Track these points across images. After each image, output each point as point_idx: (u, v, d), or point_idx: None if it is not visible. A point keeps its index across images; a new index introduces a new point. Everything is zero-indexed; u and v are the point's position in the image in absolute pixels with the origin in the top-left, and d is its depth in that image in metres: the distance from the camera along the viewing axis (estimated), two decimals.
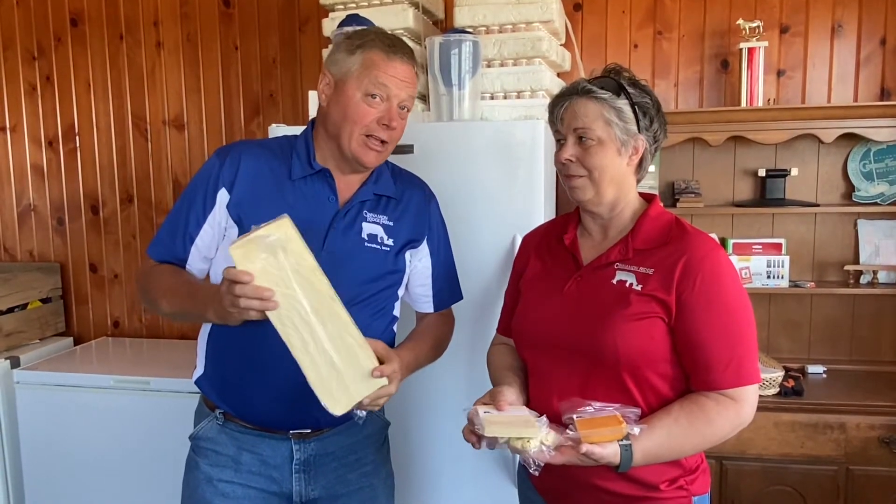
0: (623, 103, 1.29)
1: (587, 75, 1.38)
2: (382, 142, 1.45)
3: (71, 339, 3.13)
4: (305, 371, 1.25)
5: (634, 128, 1.30)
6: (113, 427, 2.53)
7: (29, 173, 3.15)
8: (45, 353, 2.90)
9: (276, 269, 1.21)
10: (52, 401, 2.59)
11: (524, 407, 1.28)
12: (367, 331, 1.48)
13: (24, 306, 2.92)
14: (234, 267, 1.20)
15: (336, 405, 1.27)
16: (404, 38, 2.22)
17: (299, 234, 1.24)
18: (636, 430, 1.18)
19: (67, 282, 3.16)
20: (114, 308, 3.15)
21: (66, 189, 3.13)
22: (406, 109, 1.48)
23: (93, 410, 2.55)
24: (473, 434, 1.24)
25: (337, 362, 1.27)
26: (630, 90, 1.30)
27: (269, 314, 1.22)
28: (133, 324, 3.15)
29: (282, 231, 1.21)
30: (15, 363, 2.72)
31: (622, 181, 1.34)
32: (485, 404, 1.29)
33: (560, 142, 1.34)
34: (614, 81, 1.31)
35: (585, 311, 1.31)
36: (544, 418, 1.21)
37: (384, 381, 1.31)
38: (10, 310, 2.86)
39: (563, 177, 1.35)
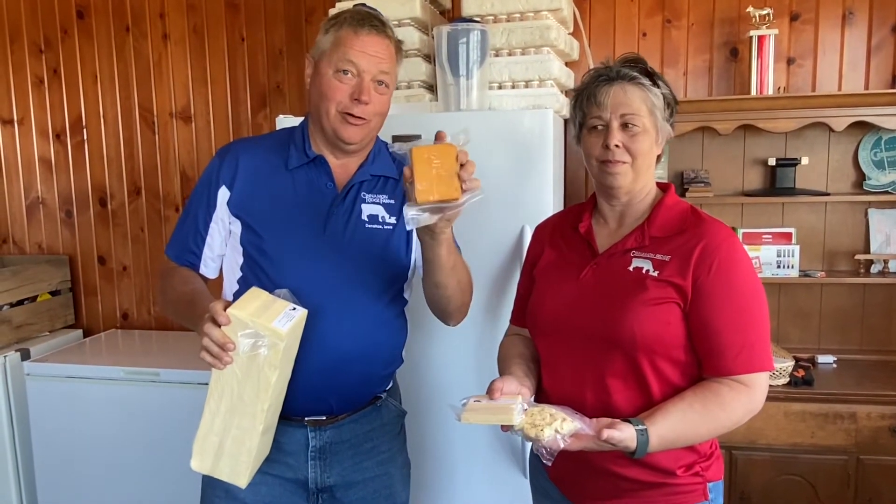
0: (658, 93, 1.31)
1: (595, 64, 1.38)
2: (361, 118, 1.44)
3: (80, 331, 3.14)
4: (202, 420, 1.30)
5: (662, 112, 1.33)
6: (123, 418, 2.55)
7: (37, 166, 3.16)
8: (55, 345, 2.92)
9: (243, 352, 1.23)
10: (62, 392, 2.60)
11: (519, 396, 1.26)
12: (378, 316, 1.50)
13: (33, 299, 2.94)
14: (224, 302, 1.24)
15: (198, 460, 1.32)
16: (410, 26, 2.23)
17: (294, 343, 1.28)
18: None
19: (76, 274, 3.18)
20: (123, 300, 3.16)
21: (74, 181, 3.13)
22: (384, 84, 1.46)
23: (103, 402, 2.57)
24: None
25: (226, 442, 1.31)
26: (658, 80, 1.32)
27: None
28: (142, 315, 3.16)
29: (277, 337, 1.22)
30: (25, 355, 2.74)
31: (651, 169, 1.36)
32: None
33: (598, 129, 1.33)
34: (644, 69, 1.32)
35: (602, 298, 1.31)
36: (520, 406, 1.20)
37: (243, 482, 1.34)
38: (20, 302, 2.88)
39: (603, 163, 1.33)
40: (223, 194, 1.49)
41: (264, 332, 1.22)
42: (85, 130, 3.09)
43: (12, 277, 2.83)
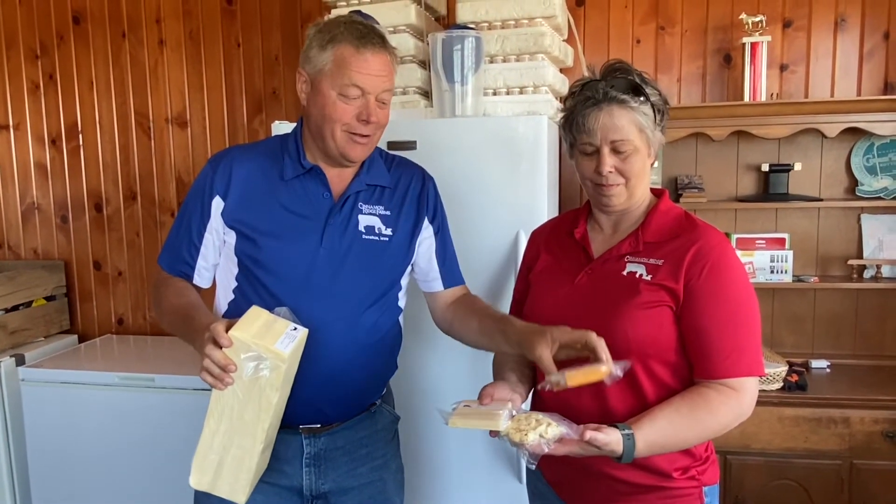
0: (647, 107, 1.30)
1: (589, 71, 1.37)
2: (366, 135, 1.45)
3: (75, 336, 3.14)
4: (202, 438, 1.30)
5: (652, 126, 1.32)
6: (118, 424, 2.54)
7: (32, 171, 3.16)
8: (50, 351, 2.91)
9: (246, 375, 1.23)
10: (57, 398, 2.60)
11: (509, 402, 1.28)
12: (375, 326, 1.50)
13: (28, 304, 2.93)
14: (226, 322, 1.23)
15: (197, 476, 1.32)
16: (405, 33, 2.24)
17: (294, 363, 1.29)
18: (619, 370, 1.18)
19: (72, 279, 3.17)
20: (118, 305, 3.16)
21: (69, 187, 3.13)
22: (385, 102, 1.46)
23: (98, 407, 2.56)
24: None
25: (225, 461, 1.31)
26: (647, 90, 1.30)
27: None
28: (137, 321, 3.16)
29: (280, 360, 1.23)
30: (20, 361, 2.73)
31: (646, 181, 1.37)
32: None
33: (589, 152, 1.33)
34: (631, 82, 1.30)
35: (596, 302, 1.32)
36: (507, 412, 1.22)
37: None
38: (15, 307, 2.87)
39: (598, 186, 1.34)
40: (217, 204, 1.47)
41: (267, 355, 1.22)
42: (81, 136, 3.09)
43: (7, 283, 2.83)
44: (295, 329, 1.26)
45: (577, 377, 1.17)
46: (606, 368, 1.18)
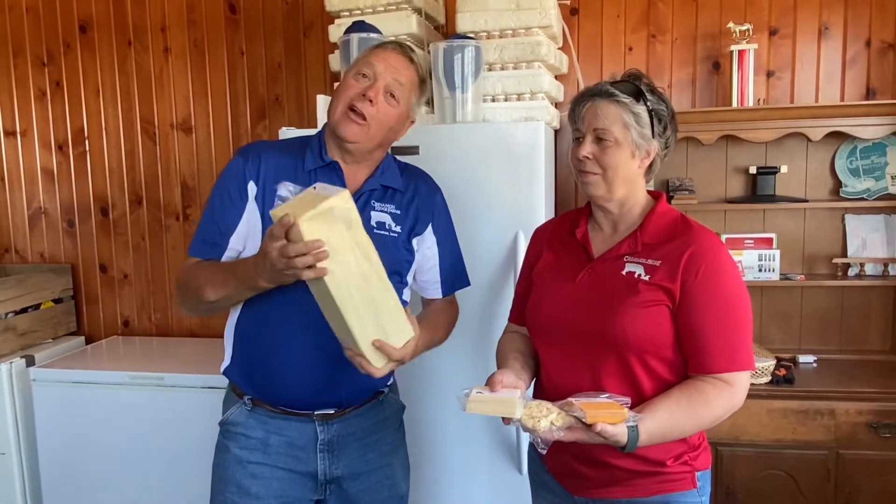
0: (641, 109, 1.36)
1: (584, 78, 1.45)
2: (363, 117, 1.50)
3: (82, 338, 3.20)
4: (356, 333, 1.31)
5: (649, 133, 1.38)
6: (128, 422, 2.60)
7: (39, 177, 3.22)
8: (59, 352, 2.97)
9: (340, 240, 1.26)
10: (67, 397, 2.65)
11: (517, 389, 1.33)
12: None
13: (37, 306, 2.99)
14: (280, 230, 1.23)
15: (377, 364, 1.36)
16: (407, 43, 2.31)
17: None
18: (633, 416, 1.24)
19: (78, 282, 3.23)
20: (124, 307, 3.22)
21: (76, 192, 3.19)
22: (394, 97, 1.53)
23: (108, 406, 2.61)
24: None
25: (383, 324, 1.35)
26: (648, 97, 1.37)
27: (327, 279, 1.24)
28: (143, 323, 3.22)
29: (349, 204, 1.26)
30: (30, 362, 2.79)
31: (633, 181, 1.42)
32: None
33: (578, 139, 1.41)
34: (634, 87, 1.38)
35: (596, 300, 1.39)
36: (521, 400, 1.27)
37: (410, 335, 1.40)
38: (24, 310, 2.93)
39: (578, 172, 1.42)
40: (252, 188, 1.54)
41: (337, 205, 1.23)
42: (87, 142, 3.15)
43: (17, 285, 2.89)
44: (337, 190, 1.28)
45: (597, 417, 1.21)
46: (624, 415, 1.23)
